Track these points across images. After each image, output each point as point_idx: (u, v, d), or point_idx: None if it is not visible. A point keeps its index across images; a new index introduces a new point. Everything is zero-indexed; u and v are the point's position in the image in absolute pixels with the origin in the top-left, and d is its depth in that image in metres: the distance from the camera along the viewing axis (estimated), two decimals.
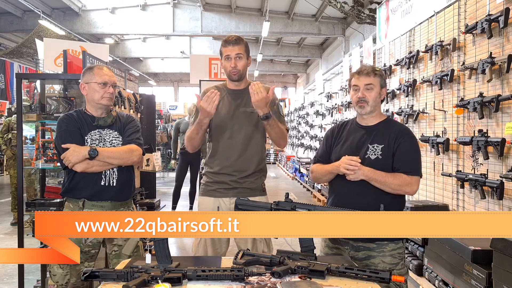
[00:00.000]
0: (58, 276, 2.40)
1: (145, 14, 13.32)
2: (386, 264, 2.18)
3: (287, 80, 25.74)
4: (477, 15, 3.66)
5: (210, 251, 2.52)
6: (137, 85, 4.93)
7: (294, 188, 11.18)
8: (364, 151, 2.20)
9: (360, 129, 2.30)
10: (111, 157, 2.39)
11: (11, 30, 12.76)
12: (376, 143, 2.21)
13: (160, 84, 24.91)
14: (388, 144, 2.19)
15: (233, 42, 2.48)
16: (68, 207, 2.47)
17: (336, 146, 2.33)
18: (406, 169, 2.16)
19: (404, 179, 2.14)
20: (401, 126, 2.32)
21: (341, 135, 2.34)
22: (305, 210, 1.95)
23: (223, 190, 2.50)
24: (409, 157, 2.19)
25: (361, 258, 2.21)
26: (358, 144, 2.24)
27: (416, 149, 2.26)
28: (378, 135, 2.23)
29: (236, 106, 2.53)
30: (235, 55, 2.48)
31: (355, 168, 2.11)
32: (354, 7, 9.34)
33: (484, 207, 3.54)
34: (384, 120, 2.30)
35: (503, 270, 2.71)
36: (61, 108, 3.54)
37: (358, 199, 2.14)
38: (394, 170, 2.17)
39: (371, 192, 2.15)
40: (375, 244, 2.19)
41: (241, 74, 2.53)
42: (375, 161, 2.17)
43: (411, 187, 2.16)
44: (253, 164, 2.54)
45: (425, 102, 4.65)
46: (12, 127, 6.93)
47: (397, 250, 2.21)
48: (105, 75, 2.43)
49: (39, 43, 4.81)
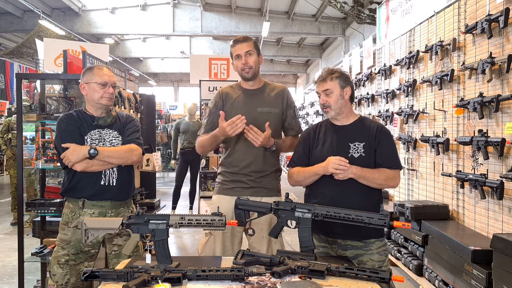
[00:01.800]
0: (58, 276, 2.40)
1: (145, 14, 13.31)
2: (375, 262, 2.21)
3: (287, 80, 25.73)
4: (477, 15, 3.66)
5: (219, 251, 2.48)
6: (137, 85, 4.92)
7: (294, 188, 11.15)
8: (346, 150, 2.25)
9: (337, 129, 2.34)
10: (111, 156, 2.39)
11: (11, 30, 12.75)
12: (357, 141, 2.26)
13: (160, 84, 24.90)
14: (369, 141, 2.26)
15: (241, 40, 2.50)
16: (68, 207, 2.47)
17: (315, 148, 2.35)
18: (388, 163, 2.23)
19: (388, 174, 2.22)
20: (376, 123, 2.38)
21: (319, 136, 2.37)
22: (305, 210, 1.96)
23: (240, 189, 2.49)
24: (390, 152, 2.28)
25: (349, 257, 2.22)
26: (338, 143, 2.28)
27: (394, 144, 2.35)
28: (357, 134, 2.29)
29: (253, 106, 2.52)
30: (244, 53, 2.48)
31: (345, 168, 2.14)
32: (354, 7, 9.33)
33: (484, 207, 3.54)
34: (359, 119, 2.36)
35: (503, 270, 2.71)
36: (61, 108, 3.53)
37: (347, 197, 2.17)
38: (377, 165, 2.24)
39: (358, 189, 2.19)
40: (363, 243, 2.22)
41: (254, 71, 2.52)
42: (359, 158, 2.23)
43: (394, 181, 2.26)
44: (270, 164, 2.56)
45: (425, 102, 4.65)
46: (12, 127, 6.93)
47: (382, 248, 2.26)
48: (105, 75, 2.43)
49: (39, 43, 4.81)
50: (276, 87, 2.64)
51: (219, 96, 2.59)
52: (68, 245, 2.42)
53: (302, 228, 1.95)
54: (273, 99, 2.57)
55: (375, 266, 2.17)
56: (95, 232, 1.92)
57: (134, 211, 2.36)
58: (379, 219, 1.86)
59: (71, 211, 2.44)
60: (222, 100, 2.57)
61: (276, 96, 2.58)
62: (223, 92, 2.60)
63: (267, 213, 2.04)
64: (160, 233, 1.85)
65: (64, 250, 2.42)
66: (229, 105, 2.54)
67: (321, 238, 2.31)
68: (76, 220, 2.42)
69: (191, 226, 1.87)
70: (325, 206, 1.99)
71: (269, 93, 2.58)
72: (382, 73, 5.84)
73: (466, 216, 3.85)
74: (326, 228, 2.19)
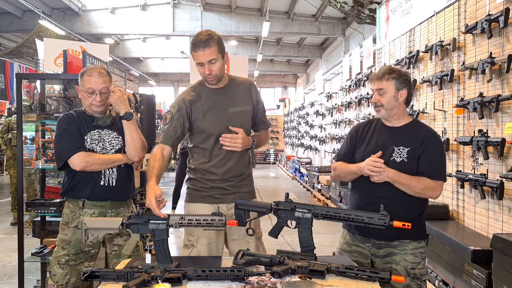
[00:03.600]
0: (58, 276, 2.40)
1: (145, 14, 13.31)
2: (408, 262, 2.17)
3: (287, 80, 25.72)
4: (477, 15, 3.66)
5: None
6: (137, 85, 4.92)
7: (294, 188, 11.18)
8: (389, 153, 2.18)
9: (385, 130, 2.26)
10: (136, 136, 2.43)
11: (11, 30, 12.74)
12: (402, 145, 2.18)
13: (160, 84, 24.90)
14: (414, 147, 2.16)
15: (202, 45, 2.18)
16: (68, 207, 2.47)
17: (360, 146, 2.29)
18: (431, 173, 2.14)
19: (428, 184, 2.12)
20: (428, 129, 2.28)
21: (366, 134, 2.30)
22: (305, 210, 1.96)
23: (221, 196, 2.35)
24: (435, 161, 2.17)
25: (382, 256, 2.21)
26: (383, 145, 2.21)
27: (442, 154, 2.23)
28: (404, 138, 2.20)
29: (224, 107, 2.34)
30: (207, 61, 2.22)
31: (380, 170, 2.08)
32: (354, 7, 9.33)
33: (484, 207, 3.54)
34: (411, 122, 2.26)
35: (503, 270, 2.71)
36: (61, 108, 3.53)
37: (381, 200, 2.05)
38: (419, 173, 2.14)
39: (395, 193, 2.13)
40: (398, 242, 2.18)
41: (220, 77, 2.30)
42: (400, 164, 2.15)
43: (434, 192, 2.15)
44: (247, 166, 2.46)
45: (425, 102, 4.65)
46: (12, 127, 6.93)
47: (419, 249, 2.20)
48: (92, 84, 2.35)
49: (39, 43, 4.81)
50: (241, 82, 2.45)
51: (183, 102, 2.33)
52: (68, 245, 2.42)
53: (302, 228, 1.95)
54: (242, 96, 2.40)
55: (408, 267, 2.15)
56: (95, 232, 1.92)
57: (134, 211, 2.36)
58: (379, 219, 1.85)
59: (71, 211, 2.44)
60: (186, 105, 2.32)
61: (244, 92, 2.41)
62: (186, 97, 2.35)
63: (267, 213, 2.03)
64: (160, 233, 1.85)
65: (64, 250, 2.42)
66: (197, 111, 2.32)
67: (355, 237, 2.29)
68: (76, 220, 2.42)
69: (191, 226, 1.87)
70: (325, 206, 1.98)
71: (236, 90, 2.40)
72: None
73: (466, 216, 3.85)
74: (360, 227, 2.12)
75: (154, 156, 2.22)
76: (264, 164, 18.70)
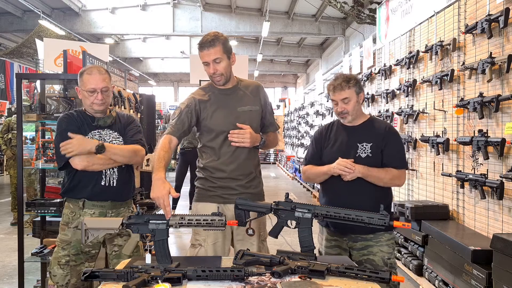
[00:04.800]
0: (59, 276, 2.39)
1: (145, 14, 13.32)
2: (384, 253, 2.29)
3: (287, 80, 25.73)
4: (477, 15, 3.66)
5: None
6: (137, 85, 4.92)
7: (294, 188, 11.17)
8: (354, 151, 2.33)
9: (346, 130, 2.41)
10: (117, 154, 2.38)
11: (11, 30, 12.75)
12: (365, 141, 2.33)
13: (160, 84, 24.90)
14: (376, 141, 2.33)
15: (207, 45, 2.24)
16: (68, 207, 2.46)
17: (326, 147, 2.43)
18: (395, 164, 2.32)
19: (394, 173, 2.31)
20: (385, 123, 2.45)
21: (329, 136, 2.45)
22: (305, 210, 1.96)
23: (228, 196, 2.35)
24: (397, 153, 2.36)
25: (359, 248, 2.32)
26: (347, 144, 2.36)
27: (401, 144, 2.43)
28: (365, 134, 2.36)
29: (233, 107, 2.38)
30: (212, 61, 2.27)
31: (351, 171, 2.22)
32: (354, 7, 9.33)
33: (484, 207, 3.54)
34: (368, 119, 2.43)
35: (503, 270, 2.71)
36: (61, 108, 3.54)
37: (355, 196, 2.25)
38: (384, 165, 2.31)
39: (365, 188, 2.28)
40: (372, 235, 2.30)
41: (226, 77, 2.34)
42: (366, 159, 2.30)
43: (400, 180, 2.36)
44: (256, 166, 2.48)
45: (425, 102, 4.65)
46: (12, 127, 6.93)
47: (391, 240, 2.34)
48: (93, 82, 2.35)
49: (39, 43, 4.81)
50: (250, 84, 2.50)
51: (193, 100, 2.39)
52: (68, 245, 2.41)
53: (302, 228, 1.95)
54: (250, 96, 2.44)
55: (385, 257, 2.29)
56: (95, 232, 1.92)
57: (134, 211, 2.35)
58: (379, 219, 1.86)
59: (71, 212, 2.44)
60: (196, 104, 2.37)
61: (253, 93, 2.45)
62: (197, 97, 2.40)
63: (267, 213, 2.04)
64: (160, 233, 1.85)
65: (64, 250, 2.41)
66: (206, 110, 2.37)
67: (331, 232, 2.40)
68: (77, 221, 2.41)
69: (191, 226, 1.87)
70: (325, 206, 1.99)
71: (245, 91, 2.45)
72: (382, 73, 5.84)
73: (466, 216, 3.85)
74: (336, 223, 2.16)
75: (162, 146, 2.20)
76: (264, 164, 18.69)
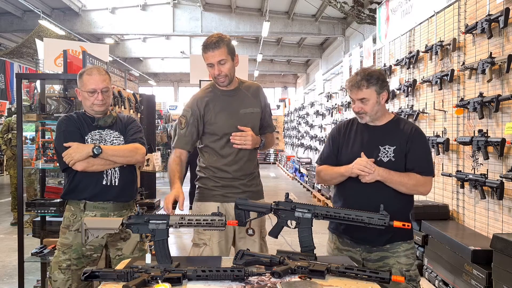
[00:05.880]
0: (59, 281, 2.34)
1: (145, 14, 13.32)
2: (402, 264, 2.15)
3: (287, 80, 25.73)
4: (477, 15, 3.66)
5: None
6: (137, 85, 4.92)
7: (294, 188, 11.18)
8: (376, 153, 2.15)
9: (368, 129, 2.22)
10: (116, 155, 2.35)
11: (11, 30, 12.75)
12: (388, 144, 2.15)
13: (160, 84, 24.90)
14: (400, 145, 2.14)
15: (212, 46, 2.27)
16: (69, 209, 2.42)
17: (344, 147, 2.25)
18: (420, 169, 2.12)
19: (418, 179, 2.11)
20: (411, 125, 2.24)
21: (349, 135, 2.26)
22: (305, 210, 1.96)
23: (232, 195, 2.36)
24: (423, 157, 2.16)
25: (374, 260, 2.18)
26: (368, 145, 2.17)
27: (428, 149, 2.22)
28: (389, 136, 2.17)
29: (236, 108, 2.41)
30: (217, 62, 2.30)
31: (370, 171, 2.06)
32: (354, 7, 9.33)
33: (484, 207, 3.54)
34: (393, 119, 2.23)
35: (503, 270, 2.71)
36: (61, 108, 3.54)
37: (372, 200, 2.06)
38: (407, 170, 2.13)
39: (385, 193, 2.10)
40: (389, 245, 2.16)
41: (230, 78, 2.37)
42: (388, 163, 2.12)
43: (425, 187, 2.15)
44: (256, 166, 2.53)
45: (425, 102, 4.65)
46: (12, 127, 6.93)
47: (410, 250, 2.18)
48: (93, 83, 2.34)
49: (39, 43, 4.81)
50: (251, 85, 2.53)
51: (195, 105, 2.41)
52: (69, 249, 2.36)
53: (302, 228, 1.95)
54: (252, 98, 2.48)
55: (403, 269, 2.13)
56: (95, 232, 1.91)
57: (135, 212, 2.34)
58: (379, 219, 1.85)
59: (72, 214, 2.40)
60: (199, 108, 2.40)
61: (254, 95, 2.49)
62: (198, 99, 2.43)
63: (267, 213, 2.04)
64: (160, 233, 1.85)
65: (65, 254, 2.36)
66: (209, 112, 2.40)
67: (344, 242, 2.25)
68: (78, 224, 2.36)
69: (191, 226, 1.87)
70: (325, 206, 1.98)
71: (247, 93, 2.48)
72: None
73: (466, 216, 3.85)
74: (350, 232, 2.16)
75: (173, 161, 2.37)
76: (264, 164, 18.68)
